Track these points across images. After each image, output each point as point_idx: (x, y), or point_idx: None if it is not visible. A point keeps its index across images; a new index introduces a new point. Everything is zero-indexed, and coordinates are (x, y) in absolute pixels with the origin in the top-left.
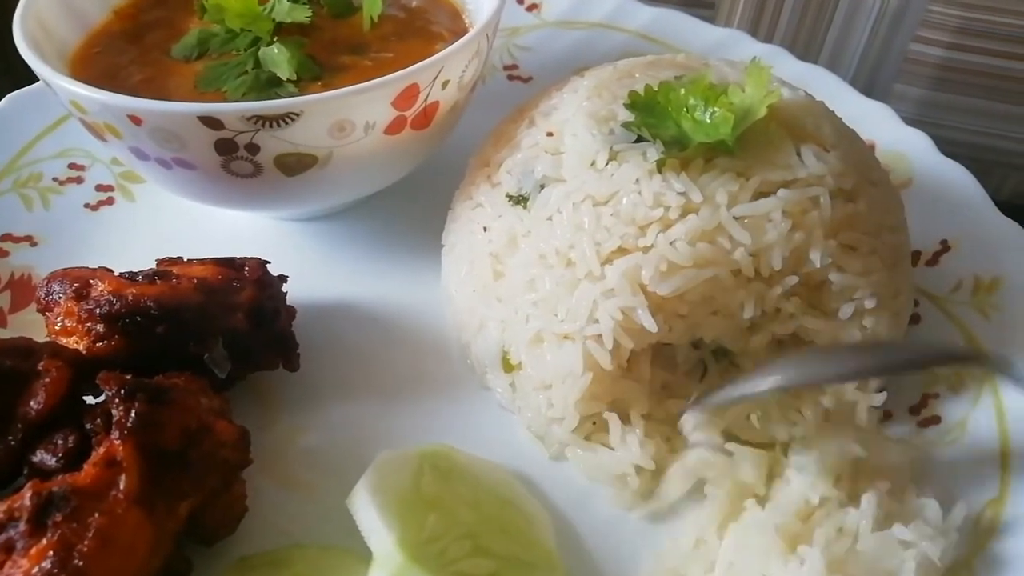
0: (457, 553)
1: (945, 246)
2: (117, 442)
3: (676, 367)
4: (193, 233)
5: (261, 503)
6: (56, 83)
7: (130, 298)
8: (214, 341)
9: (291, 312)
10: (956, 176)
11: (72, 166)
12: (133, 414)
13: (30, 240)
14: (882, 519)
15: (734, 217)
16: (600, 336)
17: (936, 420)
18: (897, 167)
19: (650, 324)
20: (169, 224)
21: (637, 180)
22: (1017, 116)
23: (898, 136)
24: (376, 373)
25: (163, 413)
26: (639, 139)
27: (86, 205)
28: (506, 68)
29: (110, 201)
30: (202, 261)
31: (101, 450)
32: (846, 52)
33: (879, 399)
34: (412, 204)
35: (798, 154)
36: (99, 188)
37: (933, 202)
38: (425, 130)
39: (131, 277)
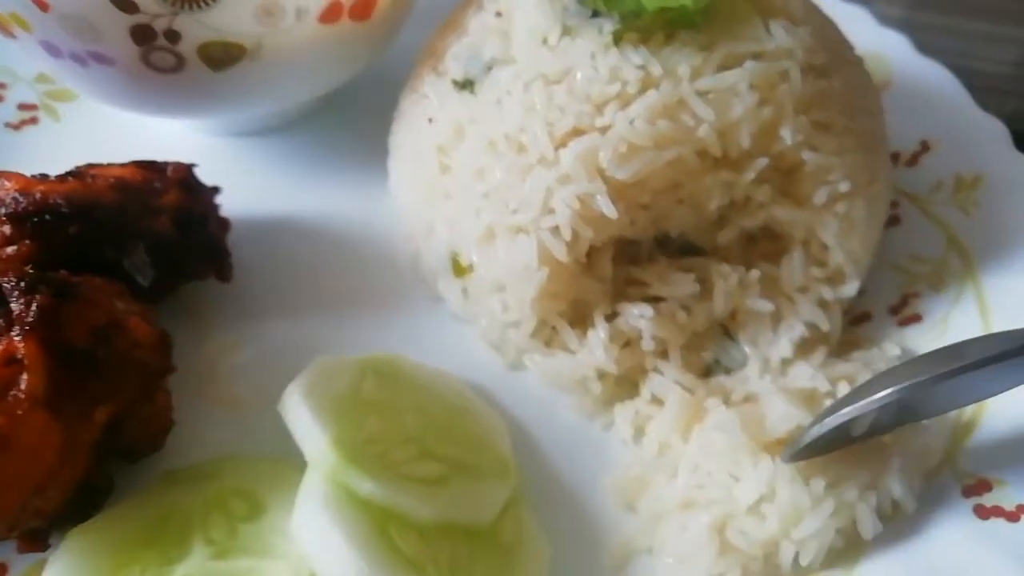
0: (400, 456)
1: (925, 146)
2: (18, 339)
3: (640, 265)
4: (123, 153)
5: (192, 419)
6: None
7: (38, 196)
8: (134, 245)
9: (224, 223)
10: (935, 75)
11: None
12: (35, 308)
13: None
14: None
15: (697, 92)
16: (557, 227)
17: (917, 318)
18: (874, 69)
19: (610, 211)
20: (97, 144)
21: (592, 55)
22: (998, 36)
23: (875, 37)
24: (319, 287)
25: (69, 308)
26: (595, 15)
27: (7, 124)
28: None
29: (33, 120)
30: (122, 165)
31: (0, 347)
32: None
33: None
34: (360, 116)
35: (766, 29)
36: (22, 107)
37: (912, 102)
38: (366, 22)
39: (43, 178)
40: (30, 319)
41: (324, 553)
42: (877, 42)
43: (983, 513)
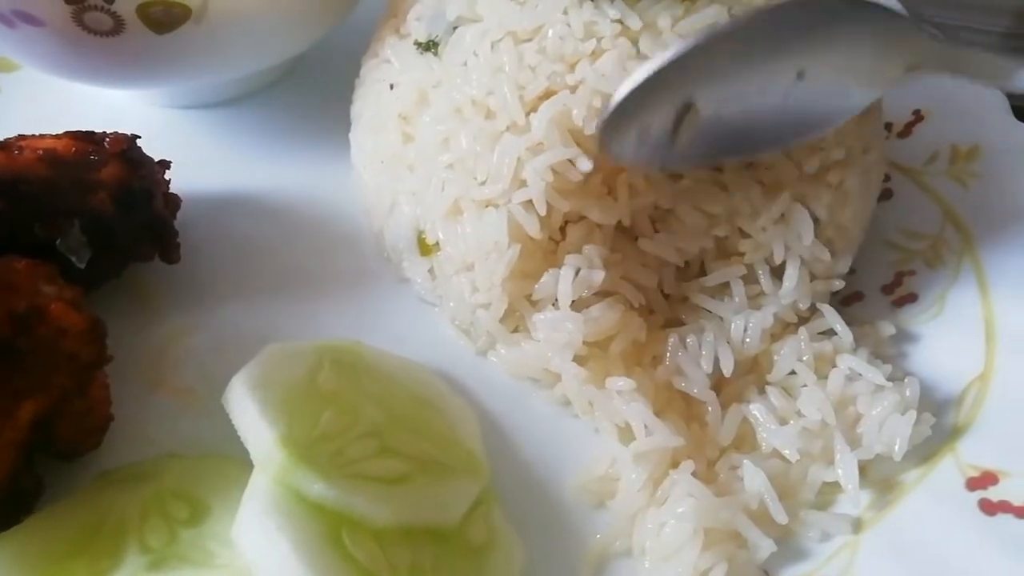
0: (358, 453)
1: (918, 116)
2: None
3: None
4: (68, 128)
5: (135, 413)
6: None
7: None
8: (67, 223)
9: (174, 200)
10: None
11: None
12: None
13: None
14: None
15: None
16: (529, 201)
17: (912, 297)
18: None
19: (585, 166)
20: (41, 118)
21: (565, 10)
22: (985, 4)
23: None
24: (276, 269)
25: None
26: None
27: None
28: None
29: None
30: (55, 136)
31: None
32: None
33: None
34: (323, 86)
35: None
36: None
37: None
38: None
39: None
40: None
41: (267, 562)
42: None
43: (990, 508)
